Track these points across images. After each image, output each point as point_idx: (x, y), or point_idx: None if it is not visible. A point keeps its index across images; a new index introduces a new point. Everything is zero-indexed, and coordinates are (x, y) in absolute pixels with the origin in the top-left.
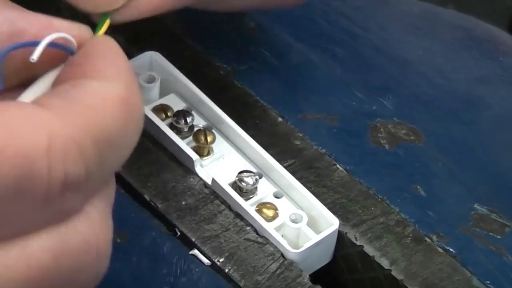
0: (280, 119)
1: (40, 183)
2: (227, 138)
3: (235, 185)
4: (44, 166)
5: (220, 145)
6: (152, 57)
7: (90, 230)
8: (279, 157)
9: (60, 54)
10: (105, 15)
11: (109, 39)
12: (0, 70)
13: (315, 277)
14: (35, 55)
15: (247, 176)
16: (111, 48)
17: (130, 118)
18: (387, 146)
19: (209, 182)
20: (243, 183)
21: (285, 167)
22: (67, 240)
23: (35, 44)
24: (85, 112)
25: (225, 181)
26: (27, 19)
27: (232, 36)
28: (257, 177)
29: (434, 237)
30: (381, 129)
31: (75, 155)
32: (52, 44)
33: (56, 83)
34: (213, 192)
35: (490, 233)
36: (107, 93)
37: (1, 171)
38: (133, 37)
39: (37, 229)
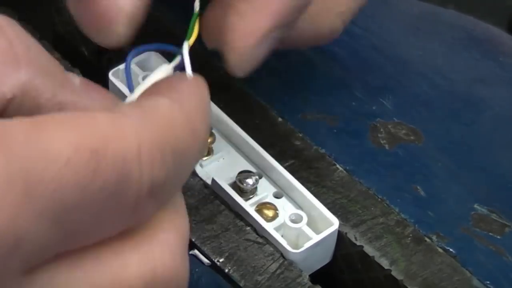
0: (280, 119)
1: (133, 187)
2: (227, 138)
3: (235, 185)
4: (137, 169)
5: (220, 145)
6: (152, 57)
7: (175, 268)
8: (279, 157)
9: None
10: (194, 14)
11: (201, 83)
12: (130, 71)
13: (315, 277)
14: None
15: (247, 176)
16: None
17: (195, 139)
18: (387, 146)
19: (209, 182)
20: (243, 183)
21: (285, 167)
22: (157, 274)
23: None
24: (163, 122)
25: (225, 181)
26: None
27: None
28: (257, 177)
29: (434, 237)
30: (381, 129)
31: (159, 161)
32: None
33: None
34: (213, 192)
35: (490, 233)
36: (176, 111)
37: (104, 173)
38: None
39: (116, 233)
